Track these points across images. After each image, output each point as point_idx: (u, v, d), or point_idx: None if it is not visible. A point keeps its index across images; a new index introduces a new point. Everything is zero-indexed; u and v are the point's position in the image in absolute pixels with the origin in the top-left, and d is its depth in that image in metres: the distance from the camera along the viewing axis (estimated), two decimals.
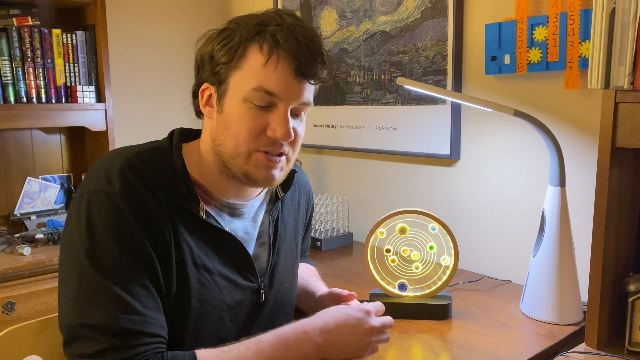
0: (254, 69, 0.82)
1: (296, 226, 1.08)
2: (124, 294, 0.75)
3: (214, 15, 2.50)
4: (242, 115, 0.83)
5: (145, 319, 0.76)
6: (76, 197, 0.81)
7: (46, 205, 2.03)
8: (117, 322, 0.73)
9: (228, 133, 0.85)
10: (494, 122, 1.48)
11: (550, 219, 1.15)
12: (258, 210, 0.99)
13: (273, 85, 0.81)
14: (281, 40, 0.81)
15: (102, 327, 0.73)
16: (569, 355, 0.99)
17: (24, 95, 1.83)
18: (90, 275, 0.75)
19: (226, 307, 0.89)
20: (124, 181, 0.79)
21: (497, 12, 1.43)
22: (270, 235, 0.99)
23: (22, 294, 1.59)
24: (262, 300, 0.95)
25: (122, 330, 0.73)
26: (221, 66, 0.84)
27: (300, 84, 0.83)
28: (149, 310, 0.77)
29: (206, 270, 0.86)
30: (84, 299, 0.75)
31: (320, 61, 0.84)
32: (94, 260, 0.75)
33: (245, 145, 0.84)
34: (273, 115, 0.83)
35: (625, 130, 0.92)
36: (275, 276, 0.98)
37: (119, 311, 0.74)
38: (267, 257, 0.98)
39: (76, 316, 0.74)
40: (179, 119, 2.36)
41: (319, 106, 2.00)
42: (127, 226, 0.77)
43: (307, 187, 1.15)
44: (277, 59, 0.81)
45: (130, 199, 0.78)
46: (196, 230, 0.86)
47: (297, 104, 0.85)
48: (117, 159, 0.82)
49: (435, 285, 1.19)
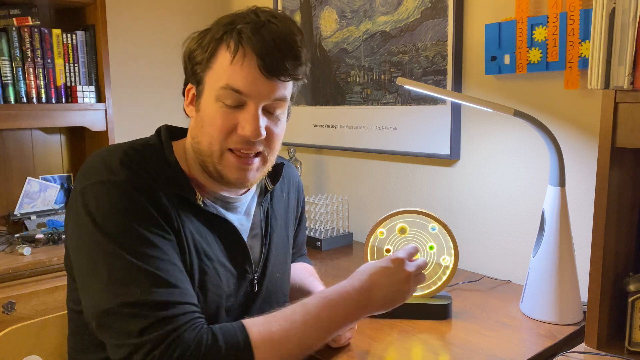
0: (223, 68, 0.83)
1: (286, 217, 1.09)
2: (155, 270, 0.76)
3: (214, 15, 2.49)
4: (214, 114, 0.84)
5: (182, 291, 0.77)
6: (76, 192, 0.81)
7: (46, 205, 2.03)
8: (154, 296, 0.74)
9: (203, 132, 0.86)
10: (494, 122, 1.48)
11: (550, 219, 1.15)
12: (250, 203, 1.00)
13: (240, 84, 0.82)
14: (245, 38, 0.81)
15: (143, 303, 0.73)
16: (569, 355, 0.99)
17: (24, 95, 1.83)
18: (118, 258, 0.75)
19: (224, 295, 0.90)
20: (127, 170, 0.80)
21: (497, 12, 1.43)
22: (262, 226, 1.00)
23: (22, 294, 1.59)
24: (255, 290, 0.96)
25: (162, 302, 0.74)
26: (197, 66, 0.86)
27: (269, 81, 0.83)
28: (181, 283, 0.78)
29: (207, 257, 0.88)
30: (118, 280, 0.75)
31: (291, 58, 0.82)
32: (119, 244, 0.76)
33: (217, 144, 0.85)
34: (243, 113, 0.84)
35: (625, 130, 0.92)
36: (268, 266, 1.00)
37: (155, 286, 0.75)
38: (259, 248, 1.00)
39: (113, 298, 0.74)
40: (179, 119, 2.34)
41: (319, 106, 2.00)
42: (143, 209, 0.78)
43: (296, 179, 1.17)
44: (242, 57, 0.81)
45: (139, 185, 0.79)
46: (196, 217, 0.87)
47: (268, 101, 0.84)
48: (114, 152, 0.83)
49: (435, 285, 1.19)
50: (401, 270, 0.91)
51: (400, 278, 0.90)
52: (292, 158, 1.98)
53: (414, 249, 0.96)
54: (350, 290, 0.86)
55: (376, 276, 0.89)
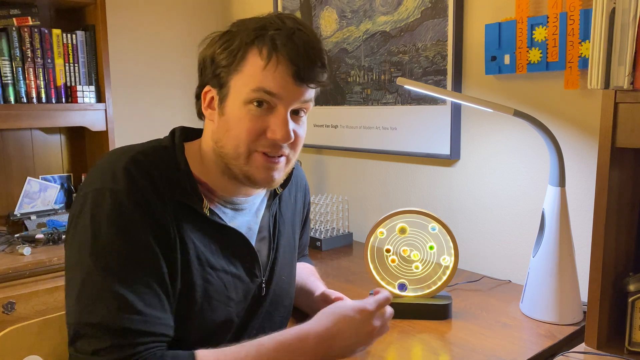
0: (254, 73, 0.82)
1: (294, 220, 1.09)
2: (126, 293, 0.75)
3: (214, 15, 2.50)
4: (242, 117, 0.84)
5: (147, 318, 0.76)
6: (80, 195, 0.82)
7: (46, 205, 2.03)
8: (117, 321, 0.74)
9: (229, 135, 0.85)
10: (494, 122, 1.48)
11: (550, 219, 1.15)
12: (259, 205, 1.00)
13: (272, 86, 0.82)
14: (280, 45, 0.81)
15: (103, 326, 0.74)
16: (569, 355, 0.99)
17: (24, 95, 1.83)
18: (93, 274, 0.76)
19: (232, 302, 0.90)
20: (128, 179, 0.80)
21: (497, 12, 1.43)
22: (270, 229, 1.00)
23: (22, 294, 1.59)
24: (262, 294, 0.96)
25: (122, 329, 0.74)
26: (222, 69, 0.85)
27: (300, 88, 0.84)
28: (151, 309, 0.77)
29: (210, 266, 0.87)
30: (87, 297, 0.75)
31: (319, 65, 0.84)
32: (98, 259, 0.76)
33: (245, 146, 0.84)
34: (273, 117, 0.84)
35: (625, 130, 0.92)
36: (275, 270, 1.00)
37: (121, 310, 0.74)
38: (267, 252, 0.99)
39: (79, 314, 0.75)
40: (179, 119, 2.36)
41: (319, 106, 2.00)
42: (132, 224, 0.78)
43: (304, 182, 1.17)
44: (276, 63, 0.82)
45: (135, 197, 0.79)
46: (200, 227, 0.87)
47: (297, 104, 0.85)
48: (122, 157, 0.83)
49: (435, 285, 1.19)
50: (367, 324, 0.88)
51: (365, 331, 0.88)
52: None
53: (386, 299, 0.92)
54: (310, 337, 0.84)
55: (340, 325, 0.86)
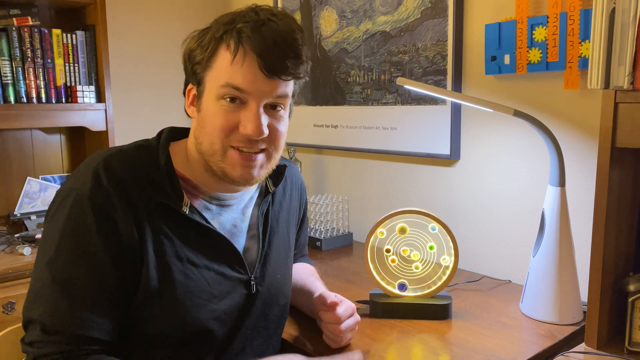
0: (223, 67, 0.83)
1: (289, 219, 1.09)
2: (66, 295, 0.78)
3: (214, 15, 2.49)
4: (215, 113, 0.84)
5: (84, 323, 0.78)
6: (56, 193, 0.85)
7: (46, 205, 2.02)
8: (51, 320, 0.77)
9: (205, 131, 0.86)
10: (494, 122, 1.48)
11: (550, 219, 1.15)
12: (248, 203, 1.00)
13: (240, 81, 0.82)
14: (245, 38, 0.81)
15: (38, 323, 0.77)
16: (569, 355, 0.99)
17: (24, 95, 1.83)
18: (43, 273, 0.79)
19: (214, 298, 0.90)
20: (94, 182, 0.81)
21: (497, 12, 1.43)
22: (260, 228, 1.00)
23: (22, 294, 1.59)
24: (253, 291, 0.96)
25: (55, 329, 0.77)
26: (197, 66, 0.86)
27: (270, 80, 0.82)
28: (91, 314, 0.79)
29: (191, 263, 0.88)
30: (33, 294, 0.79)
31: (292, 56, 0.82)
32: (49, 259, 0.79)
33: (219, 142, 0.85)
34: (244, 111, 0.84)
35: (625, 130, 0.92)
36: (267, 268, 0.99)
37: (56, 310, 0.77)
38: (256, 249, 0.99)
39: (25, 308, 0.80)
40: (179, 119, 2.35)
41: (319, 106, 2.00)
42: (85, 228, 0.79)
43: (299, 181, 1.16)
44: (243, 56, 0.81)
45: (96, 200, 0.80)
46: (180, 225, 0.87)
47: (270, 99, 0.84)
48: (97, 159, 0.85)
49: (435, 285, 1.19)
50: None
51: None
52: (292, 158, 1.98)
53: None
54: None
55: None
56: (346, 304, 1.04)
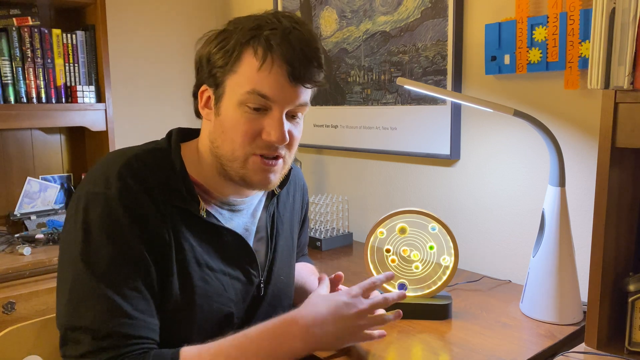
0: (249, 73, 0.82)
1: (292, 221, 1.09)
2: (114, 297, 0.76)
3: (214, 15, 2.50)
4: (237, 119, 0.83)
5: (134, 322, 0.77)
6: (74, 197, 0.82)
7: (46, 205, 2.03)
8: (105, 325, 0.75)
9: (225, 137, 0.85)
10: (494, 122, 1.48)
11: (550, 219, 1.15)
12: (256, 206, 1.00)
13: (267, 89, 0.81)
14: (275, 45, 0.80)
15: (91, 330, 0.75)
16: (569, 355, 0.99)
17: (24, 95, 1.84)
18: (83, 278, 0.77)
19: (231, 302, 0.91)
20: (121, 184, 0.80)
21: (497, 12, 1.43)
22: (268, 230, 1.00)
23: (22, 294, 1.59)
24: (261, 294, 0.96)
25: (109, 333, 0.75)
26: (217, 69, 0.85)
27: (295, 88, 0.83)
28: (139, 313, 0.78)
29: (209, 268, 0.87)
30: (76, 301, 0.76)
31: (316, 65, 0.83)
32: (88, 263, 0.77)
33: (242, 150, 0.84)
34: (268, 118, 0.83)
35: (625, 130, 0.92)
36: (273, 270, 1.00)
37: (108, 314, 0.76)
38: (265, 252, 0.99)
39: (68, 318, 0.77)
40: (179, 119, 2.36)
41: (319, 106, 2.00)
42: (122, 230, 0.78)
43: (302, 182, 1.16)
44: (271, 64, 0.81)
45: (127, 202, 0.79)
46: (197, 229, 0.87)
47: (292, 106, 0.85)
48: (116, 161, 0.83)
49: (435, 285, 1.19)
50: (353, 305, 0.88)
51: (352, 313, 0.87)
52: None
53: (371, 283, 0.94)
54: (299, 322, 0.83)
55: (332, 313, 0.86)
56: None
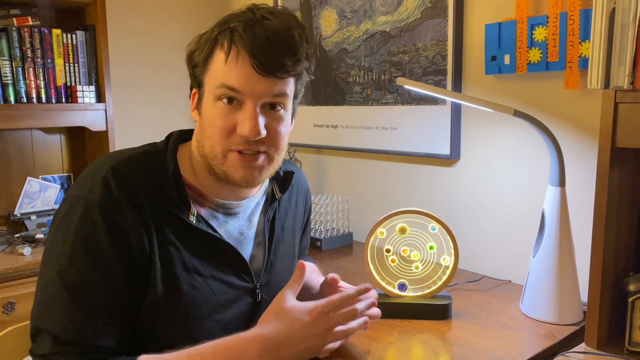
0: (219, 67, 0.82)
1: (294, 227, 1.08)
2: (78, 304, 0.76)
3: (214, 15, 2.50)
4: (213, 115, 0.83)
5: (98, 332, 0.77)
6: (63, 198, 0.83)
7: (46, 205, 2.03)
8: (64, 331, 0.76)
9: (205, 135, 0.85)
10: (494, 122, 1.48)
11: (550, 219, 1.15)
12: (254, 210, 0.99)
13: (235, 81, 0.80)
14: (237, 37, 0.80)
15: (51, 334, 0.76)
16: (569, 355, 0.99)
17: (24, 95, 1.83)
18: (53, 282, 0.77)
19: (220, 308, 0.90)
20: (104, 190, 0.80)
21: (497, 12, 1.43)
22: (266, 235, 0.99)
23: (22, 294, 1.59)
24: (258, 300, 0.95)
25: (68, 340, 0.76)
26: (196, 68, 0.86)
27: (266, 79, 0.81)
28: (104, 324, 0.78)
29: (198, 273, 0.87)
30: (44, 303, 0.77)
31: (288, 53, 0.80)
32: (60, 269, 0.77)
33: (219, 146, 0.83)
34: (241, 112, 0.82)
35: (625, 130, 0.92)
36: (272, 276, 0.98)
37: (69, 321, 0.76)
38: (262, 257, 0.98)
39: (34, 318, 0.78)
40: (179, 119, 2.36)
41: (319, 106, 2.00)
42: (96, 237, 0.78)
43: (305, 187, 1.15)
44: (236, 55, 0.80)
45: (106, 209, 0.79)
46: (186, 235, 0.86)
47: (266, 98, 0.83)
48: (105, 165, 0.83)
49: (435, 285, 1.19)
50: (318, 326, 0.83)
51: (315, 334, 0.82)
52: (292, 158, 1.98)
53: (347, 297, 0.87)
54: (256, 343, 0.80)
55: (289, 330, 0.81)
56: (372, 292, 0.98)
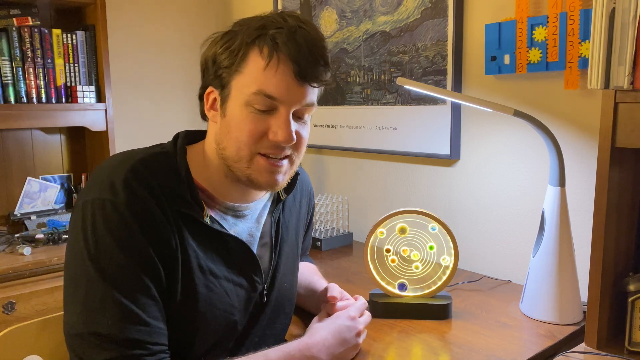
0: (255, 73, 0.81)
1: (297, 227, 1.08)
2: (130, 303, 0.76)
3: (214, 15, 2.50)
4: (243, 119, 0.83)
5: (151, 329, 0.77)
6: (80, 203, 0.81)
7: (46, 205, 2.03)
8: (123, 331, 0.75)
9: (230, 137, 0.84)
10: (494, 122, 1.48)
11: (550, 219, 1.15)
12: (261, 211, 0.99)
13: (273, 89, 0.81)
14: (281, 44, 0.80)
15: (110, 336, 0.74)
16: (569, 355, 0.99)
17: (24, 95, 1.83)
18: (97, 285, 0.76)
19: (232, 309, 0.90)
20: (128, 190, 0.79)
21: (497, 12, 1.43)
22: (272, 236, 0.99)
23: (22, 294, 1.59)
24: (264, 300, 0.96)
25: (129, 339, 0.75)
26: (223, 70, 0.84)
27: (302, 87, 0.82)
28: (154, 320, 0.78)
29: (212, 275, 0.87)
30: (92, 308, 0.76)
31: (322, 64, 0.82)
32: (101, 270, 0.76)
33: (247, 149, 0.83)
34: (274, 118, 0.83)
35: (625, 130, 0.92)
36: (277, 276, 0.99)
37: (126, 321, 0.75)
38: (269, 258, 0.99)
39: (85, 325, 0.75)
40: (180, 119, 2.36)
41: (319, 106, 1.99)
42: (132, 236, 0.78)
43: (309, 187, 1.15)
44: (277, 63, 0.80)
45: (136, 209, 0.78)
46: (201, 235, 0.86)
47: (299, 106, 0.84)
48: (122, 166, 0.82)
49: (435, 285, 1.19)
50: (355, 327, 0.97)
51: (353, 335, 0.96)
52: None
53: (363, 305, 1.04)
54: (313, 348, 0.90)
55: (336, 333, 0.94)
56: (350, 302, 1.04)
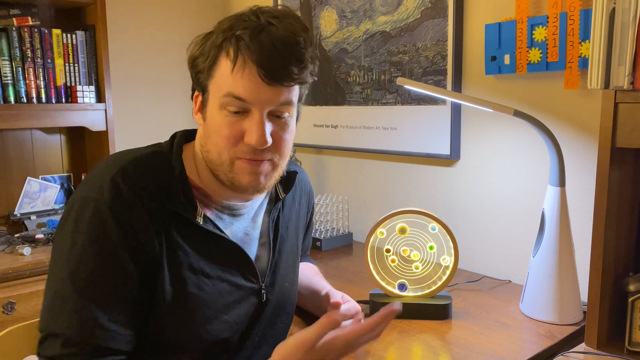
0: (224, 76, 0.80)
1: (297, 226, 1.08)
2: (92, 307, 0.76)
3: (214, 15, 2.50)
4: (220, 123, 0.82)
5: (108, 334, 0.77)
6: (69, 201, 0.82)
7: (46, 205, 2.03)
8: (78, 334, 0.75)
9: (211, 141, 0.84)
10: (494, 122, 1.48)
11: (550, 219, 1.15)
12: (258, 210, 0.98)
13: (241, 91, 0.79)
14: (243, 45, 0.78)
15: (64, 337, 0.75)
16: (569, 355, 0.99)
17: (24, 95, 1.83)
18: (64, 285, 0.77)
19: (226, 309, 0.90)
20: (114, 191, 0.79)
21: (497, 12, 1.43)
22: (270, 235, 0.99)
23: (22, 294, 1.59)
24: (263, 300, 0.95)
25: (81, 342, 0.75)
26: (200, 74, 0.84)
27: (273, 88, 0.80)
28: (115, 325, 0.78)
29: (205, 275, 0.86)
30: (54, 307, 0.77)
31: (294, 62, 0.79)
32: (71, 271, 0.77)
33: (227, 154, 0.83)
34: (248, 121, 0.81)
35: (625, 130, 0.92)
36: (277, 276, 0.99)
37: (83, 323, 0.76)
38: (267, 257, 0.98)
39: (45, 322, 0.77)
40: (179, 119, 2.36)
41: (319, 106, 2.00)
42: (108, 238, 0.78)
43: (308, 187, 1.15)
44: (242, 65, 0.79)
45: (117, 210, 0.78)
46: (194, 236, 0.86)
47: (273, 106, 0.82)
48: (113, 166, 0.82)
49: (435, 285, 1.19)
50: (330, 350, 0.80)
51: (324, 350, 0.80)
52: (293, 158, 1.98)
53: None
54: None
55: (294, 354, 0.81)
56: (350, 305, 1.03)
